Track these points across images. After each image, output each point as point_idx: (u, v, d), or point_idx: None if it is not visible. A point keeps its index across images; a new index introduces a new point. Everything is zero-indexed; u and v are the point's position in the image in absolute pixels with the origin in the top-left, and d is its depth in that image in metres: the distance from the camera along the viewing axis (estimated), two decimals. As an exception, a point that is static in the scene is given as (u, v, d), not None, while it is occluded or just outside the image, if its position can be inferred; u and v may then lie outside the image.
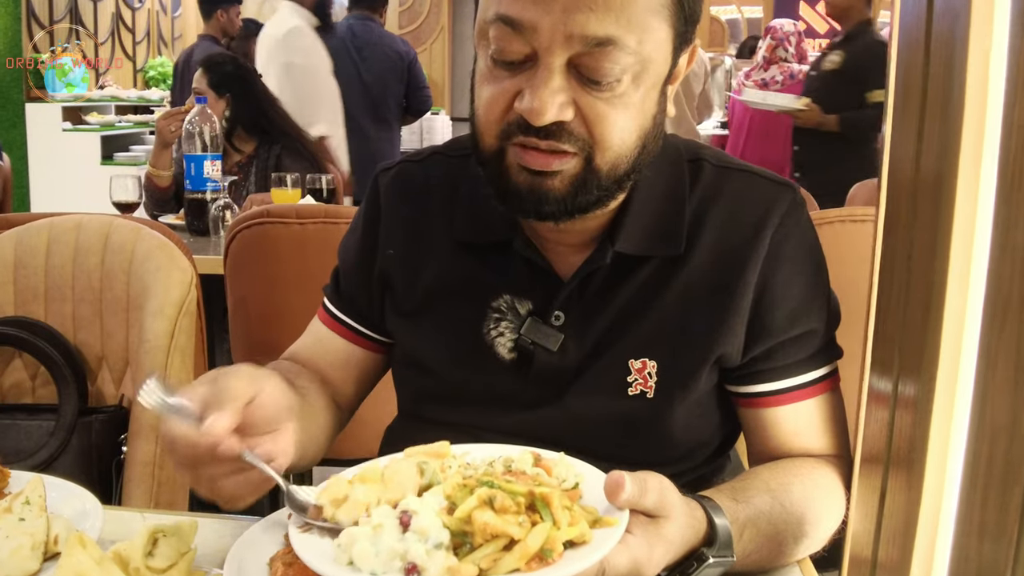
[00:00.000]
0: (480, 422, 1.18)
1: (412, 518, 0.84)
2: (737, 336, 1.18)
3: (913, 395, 0.92)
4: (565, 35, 0.99)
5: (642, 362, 1.18)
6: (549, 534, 0.82)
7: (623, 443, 1.19)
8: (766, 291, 1.17)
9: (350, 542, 0.84)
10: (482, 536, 0.82)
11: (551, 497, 0.85)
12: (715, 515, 0.99)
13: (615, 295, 1.19)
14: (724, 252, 1.17)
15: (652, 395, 1.18)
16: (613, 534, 0.85)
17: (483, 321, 1.22)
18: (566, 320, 1.19)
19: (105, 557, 0.92)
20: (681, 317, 1.18)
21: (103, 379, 1.86)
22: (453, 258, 1.25)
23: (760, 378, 1.20)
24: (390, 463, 0.96)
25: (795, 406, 1.20)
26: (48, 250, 1.88)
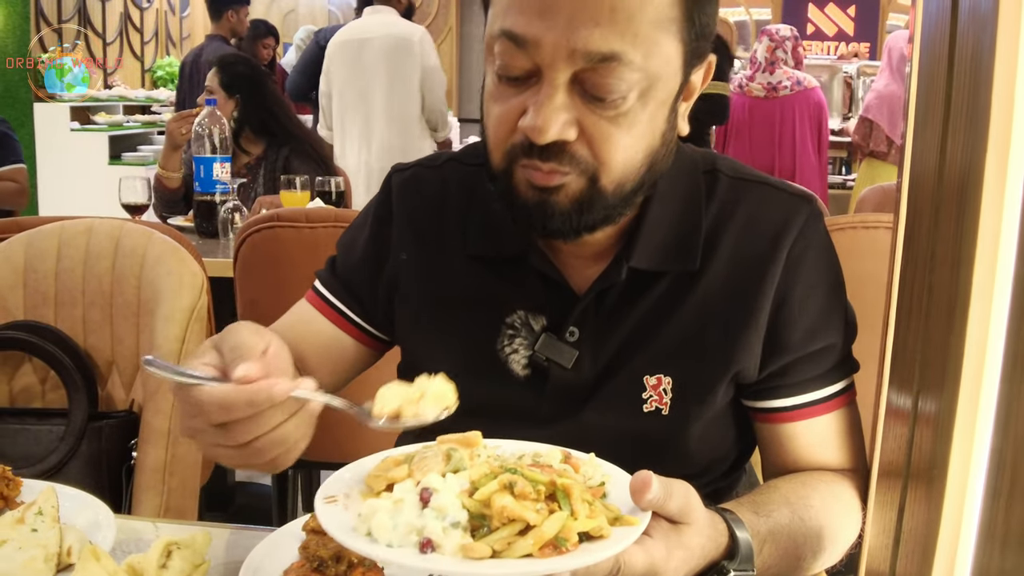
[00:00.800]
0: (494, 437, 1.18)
1: (432, 496, 0.84)
2: (754, 352, 1.17)
3: (934, 409, 0.91)
4: (568, 51, 0.97)
5: (657, 378, 1.17)
6: (565, 523, 0.82)
7: (638, 459, 1.17)
8: (784, 307, 1.16)
9: (370, 514, 0.84)
10: (499, 519, 0.82)
11: (571, 488, 0.85)
12: (737, 528, 0.98)
13: (631, 311, 1.17)
14: (741, 267, 1.16)
15: (667, 412, 1.17)
16: (632, 533, 0.85)
17: (497, 337, 1.20)
18: (581, 336, 1.18)
19: (119, 570, 0.91)
20: (697, 333, 1.16)
21: (113, 384, 1.86)
22: (467, 271, 1.23)
23: (777, 393, 1.19)
24: (423, 449, 0.96)
25: (812, 421, 1.19)
26: (59, 254, 1.88)
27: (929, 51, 0.96)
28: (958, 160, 0.90)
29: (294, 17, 10.60)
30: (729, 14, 10.27)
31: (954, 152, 0.91)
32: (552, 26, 0.97)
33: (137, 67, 9.29)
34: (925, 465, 0.92)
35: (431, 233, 1.27)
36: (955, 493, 0.88)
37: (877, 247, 2.02)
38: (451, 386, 0.99)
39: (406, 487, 0.87)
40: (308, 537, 1.00)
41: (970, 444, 0.86)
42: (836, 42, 10.21)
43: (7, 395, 1.84)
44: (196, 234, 3.35)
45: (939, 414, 0.89)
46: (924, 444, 0.93)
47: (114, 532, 1.08)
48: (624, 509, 0.89)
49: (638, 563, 0.86)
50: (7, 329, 1.80)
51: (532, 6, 0.98)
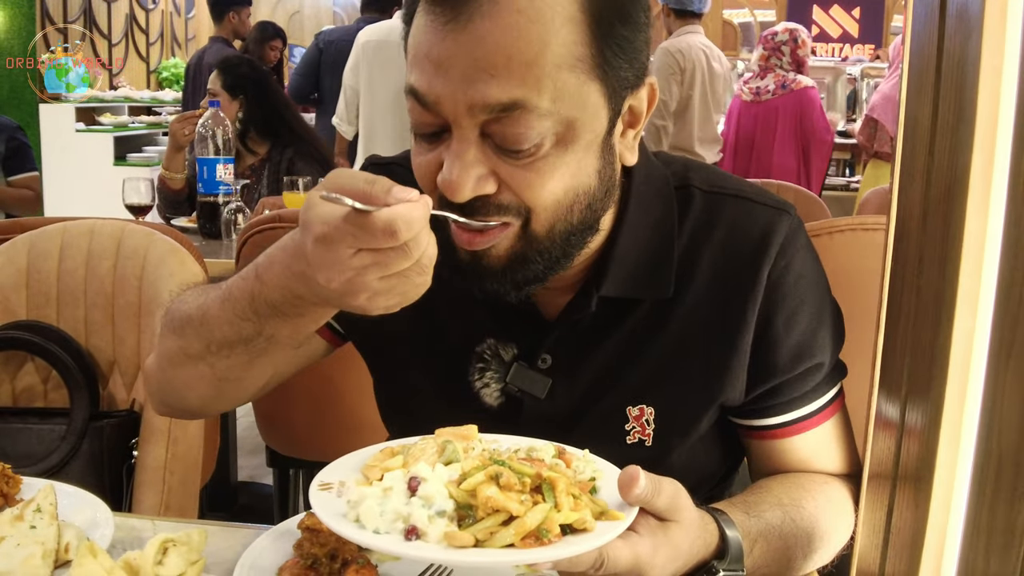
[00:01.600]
0: None
1: (420, 484, 0.86)
2: (739, 379, 1.13)
3: (921, 414, 0.92)
4: (467, 105, 0.93)
5: (639, 408, 1.14)
6: (548, 515, 0.84)
7: None
8: (768, 330, 1.12)
9: (359, 500, 0.87)
10: (484, 510, 0.84)
11: (556, 481, 0.87)
12: (727, 528, 0.99)
13: (606, 338, 1.13)
14: (720, 291, 1.12)
15: (651, 443, 1.14)
16: (616, 527, 0.87)
17: (468, 367, 1.16)
18: (553, 364, 1.14)
19: (115, 566, 0.92)
20: (678, 360, 1.12)
21: (115, 384, 1.87)
22: (435, 302, 1.11)
23: (766, 413, 1.17)
24: (419, 441, 0.99)
25: (803, 436, 1.18)
26: (61, 255, 1.89)
27: (918, 55, 0.97)
28: (945, 164, 0.91)
29: (299, 18, 10.63)
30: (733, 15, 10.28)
31: (941, 155, 0.92)
32: (448, 81, 0.94)
33: (142, 68, 9.32)
34: (913, 466, 0.93)
35: None
36: (941, 494, 0.89)
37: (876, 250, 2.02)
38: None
39: (395, 476, 0.89)
40: (303, 535, 1.02)
41: (956, 446, 0.87)
42: (841, 44, 10.22)
43: (10, 395, 1.86)
44: (199, 235, 3.36)
45: (926, 417, 0.91)
46: (912, 447, 0.94)
47: (112, 529, 1.09)
48: (612, 505, 0.91)
49: (622, 558, 0.87)
50: (10, 329, 1.81)
51: (429, 63, 0.95)
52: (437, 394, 1.20)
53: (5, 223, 2.13)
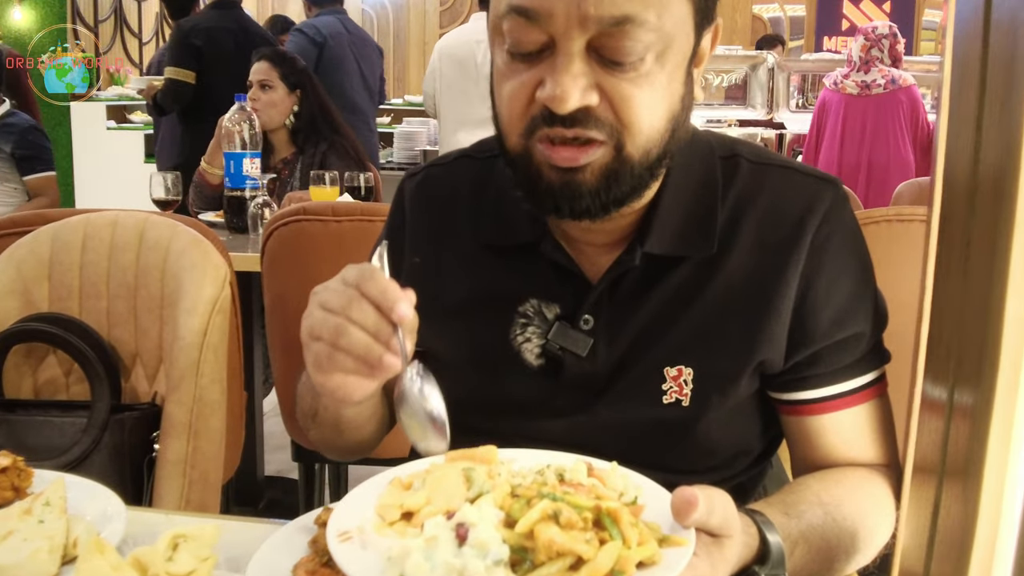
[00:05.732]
0: (508, 430, 1.15)
1: (470, 531, 0.78)
2: (779, 341, 1.12)
3: (970, 404, 0.87)
4: (580, 18, 0.95)
5: (677, 369, 1.13)
6: (620, 554, 0.76)
7: (658, 452, 1.14)
8: (809, 293, 1.11)
9: (402, 555, 0.78)
10: (546, 553, 0.76)
11: (619, 513, 0.79)
12: (767, 532, 0.94)
13: (647, 298, 1.13)
14: (763, 253, 1.12)
15: (688, 403, 1.13)
16: (682, 555, 0.80)
17: (510, 327, 1.17)
18: (595, 324, 1.14)
19: (123, 563, 0.89)
20: (718, 322, 1.12)
21: (137, 376, 1.85)
22: (479, 263, 1.21)
23: (804, 385, 1.15)
24: (433, 469, 0.91)
25: (842, 414, 1.14)
26: (84, 246, 1.87)
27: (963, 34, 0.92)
28: (994, 149, 0.86)
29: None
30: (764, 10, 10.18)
31: (989, 141, 0.87)
32: None
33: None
34: (961, 460, 0.89)
35: (443, 231, 1.25)
36: (992, 490, 0.84)
37: (912, 240, 1.97)
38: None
39: (438, 523, 0.80)
40: (319, 531, 0.98)
41: (1008, 438, 0.82)
42: (874, 38, 10.07)
43: (31, 387, 1.84)
44: (227, 229, 3.35)
45: (975, 408, 0.86)
46: (960, 439, 0.89)
47: (124, 524, 1.06)
48: (663, 525, 0.84)
49: None
50: (32, 321, 1.79)
51: None
52: (477, 353, 1.20)
53: (28, 215, 2.10)
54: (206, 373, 1.72)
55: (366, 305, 0.94)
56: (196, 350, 1.72)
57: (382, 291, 0.94)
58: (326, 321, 0.94)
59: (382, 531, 0.84)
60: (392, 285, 0.95)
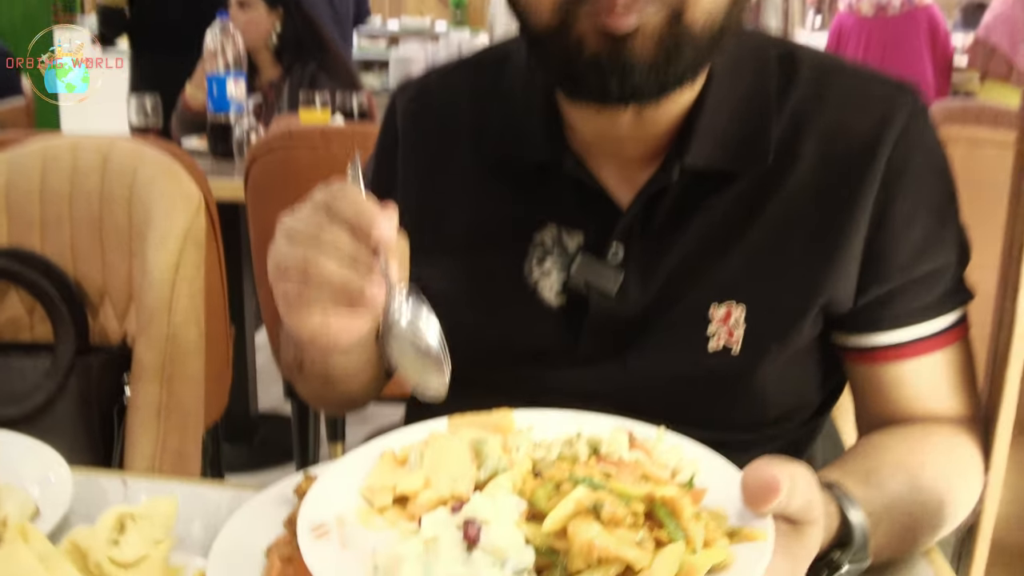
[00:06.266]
0: (523, 382, 0.99)
1: (482, 530, 0.62)
2: (849, 277, 0.97)
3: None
4: None
5: (726, 309, 0.97)
6: (683, 561, 0.59)
7: (701, 408, 0.99)
8: (885, 220, 0.96)
9: (392, 564, 0.61)
10: (583, 559, 0.59)
11: (679, 504, 0.62)
12: (849, 509, 0.79)
13: (689, 225, 0.98)
14: (829, 171, 0.96)
15: (738, 351, 0.98)
16: (759, 556, 0.63)
17: (524, 260, 1.02)
18: (627, 256, 0.99)
19: (54, 552, 0.74)
20: (776, 253, 0.97)
21: (105, 315, 1.69)
22: (486, 187, 1.06)
23: (877, 327, 0.99)
24: (432, 440, 0.75)
25: (919, 361, 0.99)
26: (43, 174, 1.70)
27: None
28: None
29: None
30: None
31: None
32: None
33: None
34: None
35: (442, 150, 1.09)
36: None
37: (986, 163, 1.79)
38: None
39: (440, 519, 0.63)
40: (298, 505, 0.83)
41: None
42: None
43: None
44: (210, 156, 3.17)
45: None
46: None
47: (70, 493, 0.92)
48: (730, 511, 0.68)
49: None
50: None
51: None
52: (486, 291, 1.05)
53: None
54: (179, 311, 1.56)
55: (338, 229, 0.78)
56: (167, 287, 1.56)
57: (356, 210, 0.78)
58: (293, 253, 0.79)
59: (369, 521, 0.68)
60: (369, 202, 0.79)
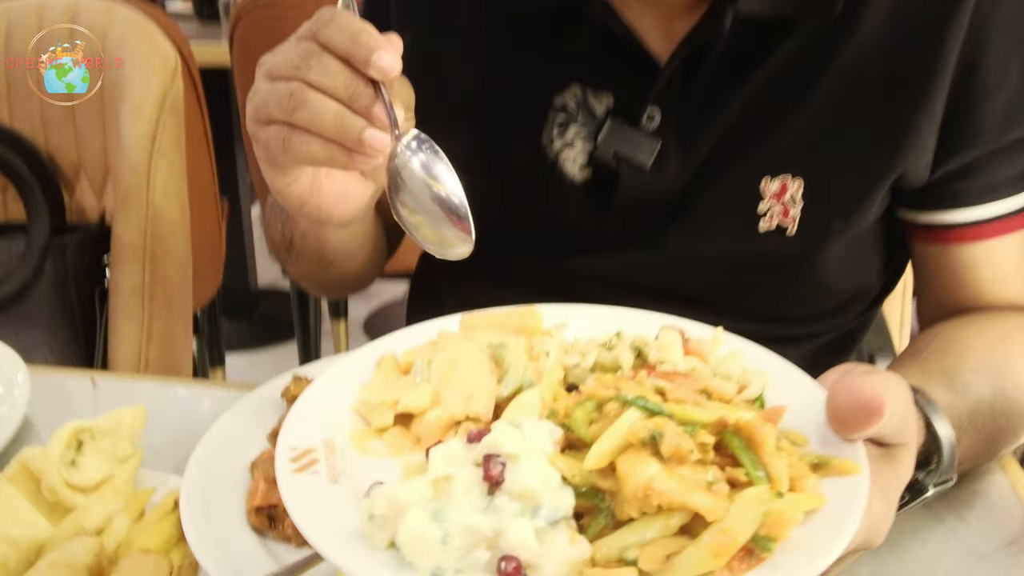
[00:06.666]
0: (543, 270, 0.87)
1: (506, 468, 0.49)
2: (926, 145, 0.85)
3: None
4: None
5: (781, 183, 0.86)
6: (767, 509, 0.47)
7: (749, 298, 0.88)
8: (970, 80, 0.83)
9: (393, 511, 0.49)
10: (638, 505, 0.47)
11: (760, 434, 0.49)
12: (937, 422, 0.68)
13: (738, 85, 0.86)
14: (905, 22, 0.83)
15: (794, 231, 0.87)
16: (853, 498, 0.50)
17: (543, 128, 0.90)
18: (664, 121, 0.87)
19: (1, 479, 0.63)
20: (840, 118, 0.85)
21: (81, 191, 1.58)
22: (496, 42, 0.93)
23: (955, 202, 0.88)
24: (443, 342, 0.63)
25: (998, 242, 0.88)
26: (7, 39, 1.56)
27: None
28: None
29: None
30: None
31: None
32: None
33: None
34: None
35: None
36: None
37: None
38: None
39: (454, 452, 0.50)
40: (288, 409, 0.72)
41: None
42: None
43: (-41, 208, 1.57)
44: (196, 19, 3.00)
45: None
46: None
47: (27, 392, 0.81)
48: (809, 433, 0.56)
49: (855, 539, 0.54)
50: (-49, 130, 1.51)
51: None
52: (495, 165, 0.93)
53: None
54: (158, 187, 1.44)
55: (330, 59, 0.65)
56: (144, 159, 1.44)
57: (351, 36, 0.64)
58: (275, 91, 0.66)
59: (365, 446, 0.57)
60: (366, 27, 0.65)
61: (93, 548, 0.59)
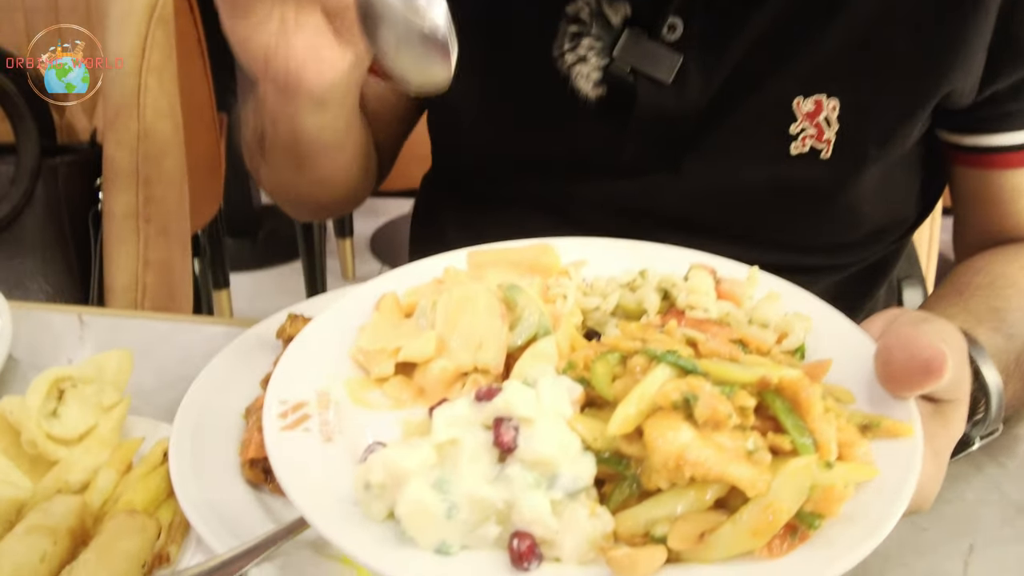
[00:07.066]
0: (552, 197, 0.81)
1: (520, 433, 0.44)
2: (974, 63, 0.79)
3: None
4: None
5: (815, 102, 0.79)
6: (815, 483, 0.42)
7: (777, 227, 0.82)
8: None
9: (393, 479, 0.43)
10: (668, 475, 0.41)
11: (806, 396, 0.43)
12: (985, 369, 0.63)
13: None
14: None
15: (829, 154, 0.80)
16: (907, 466, 0.46)
17: (552, 40, 0.84)
18: (687, 33, 0.81)
19: (-29, 433, 0.59)
20: (883, 31, 0.79)
21: (72, 110, 1.53)
22: None
23: (1002, 125, 0.82)
24: (449, 280, 0.58)
25: None
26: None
27: None
28: None
29: None
30: None
31: None
32: None
33: None
34: None
35: None
36: None
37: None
38: None
39: (459, 413, 0.44)
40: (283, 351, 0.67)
41: None
42: None
43: (-56, 129, 1.51)
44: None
45: None
46: None
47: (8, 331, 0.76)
48: (852, 387, 0.50)
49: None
50: (-69, 47, 1.44)
51: None
52: (505, 84, 0.87)
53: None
54: (150, 104, 1.38)
55: None
56: (133, 76, 1.38)
57: None
58: None
59: (362, 398, 0.52)
60: None
61: (76, 508, 0.56)
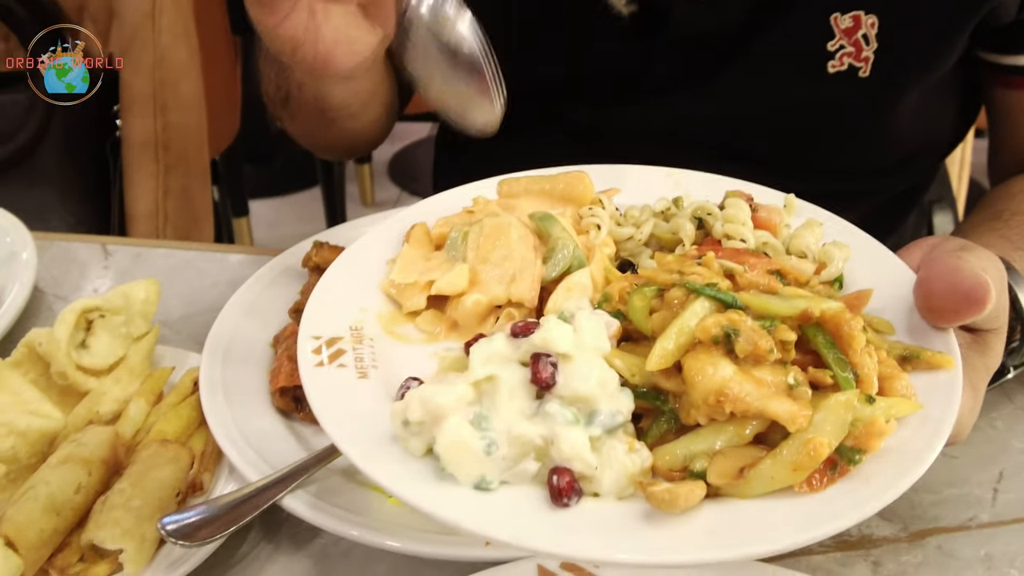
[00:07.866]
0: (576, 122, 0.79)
1: (559, 370, 0.43)
2: None
3: None
4: None
5: (853, 18, 0.76)
6: (857, 417, 0.41)
7: (812, 149, 0.80)
8: None
9: (429, 418, 0.43)
10: (707, 411, 0.41)
11: (848, 329, 0.42)
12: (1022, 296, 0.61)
13: None
14: None
15: (868, 72, 0.77)
16: (947, 400, 0.45)
17: None
18: None
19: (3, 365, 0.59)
20: None
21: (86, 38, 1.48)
22: None
23: None
24: (480, 210, 0.56)
25: None
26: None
27: None
28: None
29: None
30: None
31: None
32: None
33: None
34: None
35: None
36: None
37: None
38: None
39: (496, 348, 0.43)
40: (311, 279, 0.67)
41: None
42: None
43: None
44: None
45: None
46: None
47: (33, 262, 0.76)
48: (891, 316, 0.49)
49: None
50: (-59, -28, 1.41)
51: None
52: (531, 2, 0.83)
53: None
54: (165, 28, 1.36)
55: None
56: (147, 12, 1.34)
57: None
58: None
59: (396, 332, 0.51)
60: None
61: (108, 439, 0.56)
